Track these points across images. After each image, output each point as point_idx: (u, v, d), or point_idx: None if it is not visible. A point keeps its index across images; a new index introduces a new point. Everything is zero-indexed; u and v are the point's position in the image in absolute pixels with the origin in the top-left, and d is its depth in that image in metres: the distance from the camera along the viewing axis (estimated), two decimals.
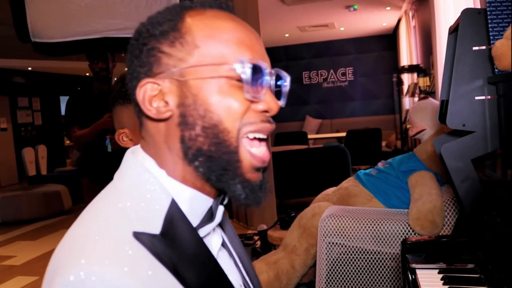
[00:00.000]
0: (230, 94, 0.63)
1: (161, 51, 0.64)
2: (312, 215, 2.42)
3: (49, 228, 5.82)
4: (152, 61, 0.64)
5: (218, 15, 0.67)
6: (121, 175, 0.66)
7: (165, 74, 0.64)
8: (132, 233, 0.57)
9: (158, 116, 0.64)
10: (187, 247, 0.61)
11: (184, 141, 0.63)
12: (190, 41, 0.64)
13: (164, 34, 0.64)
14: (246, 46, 0.65)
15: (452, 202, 2.10)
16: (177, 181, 0.65)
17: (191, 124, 0.63)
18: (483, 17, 1.34)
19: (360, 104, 10.40)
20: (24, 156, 9.65)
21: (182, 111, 0.63)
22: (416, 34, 6.75)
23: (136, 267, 0.54)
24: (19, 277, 4.04)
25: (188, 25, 0.65)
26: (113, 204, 0.61)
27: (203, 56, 0.63)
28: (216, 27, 0.65)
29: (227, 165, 0.63)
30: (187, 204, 0.64)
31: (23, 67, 10.15)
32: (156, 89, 0.64)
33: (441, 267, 1.31)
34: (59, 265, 0.55)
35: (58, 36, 2.89)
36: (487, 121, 1.37)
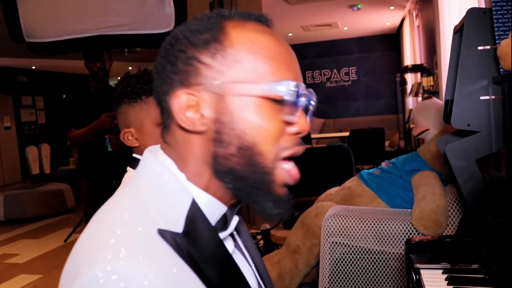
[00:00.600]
0: (268, 115, 0.62)
1: (201, 61, 0.62)
2: (315, 215, 2.42)
3: (52, 227, 5.84)
4: (190, 70, 0.62)
5: (259, 29, 0.65)
6: (141, 174, 0.66)
7: (203, 86, 0.61)
8: (157, 230, 0.57)
9: (192, 128, 0.62)
10: (208, 246, 0.61)
11: (217, 158, 0.62)
12: (232, 54, 0.62)
13: (205, 44, 0.62)
14: (286, 65, 0.64)
15: (456, 202, 2.09)
16: (196, 186, 0.64)
17: (226, 143, 0.61)
18: (488, 17, 1.34)
19: (363, 104, 10.39)
20: (27, 155, 9.69)
21: (218, 127, 0.61)
22: (420, 34, 6.73)
23: (161, 263, 0.54)
24: (22, 275, 4.06)
25: (231, 37, 0.62)
26: (136, 202, 0.61)
27: (244, 72, 0.61)
28: (258, 42, 0.63)
29: (259, 184, 0.63)
30: (204, 208, 0.64)
31: (27, 65, 10.18)
32: (193, 100, 0.62)
33: (445, 267, 1.31)
34: (84, 260, 0.54)
35: (52, 36, 2.87)
36: (492, 121, 1.37)
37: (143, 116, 1.19)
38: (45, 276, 3.98)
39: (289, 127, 0.64)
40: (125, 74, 1.28)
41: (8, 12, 2.86)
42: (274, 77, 0.62)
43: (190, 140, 0.64)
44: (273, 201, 0.64)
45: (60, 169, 9.10)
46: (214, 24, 0.64)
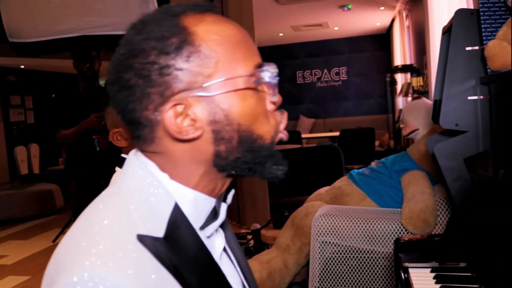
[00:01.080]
0: (255, 101, 0.64)
1: (177, 68, 0.60)
2: (305, 214, 2.42)
3: (41, 227, 5.78)
4: (168, 80, 0.60)
5: (217, 20, 0.65)
6: (125, 177, 0.65)
7: (187, 92, 0.61)
8: (136, 236, 0.56)
9: (187, 137, 0.61)
10: (189, 251, 0.61)
11: (220, 155, 0.64)
12: (207, 53, 0.61)
13: (177, 49, 0.60)
14: (251, 48, 0.66)
15: (444, 201, 2.11)
16: (180, 184, 0.64)
17: (226, 139, 0.63)
18: (476, 18, 1.35)
19: (353, 104, 10.43)
20: (16, 155, 9.59)
21: (214, 128, 0.62)
22: (410, 34, 6.78)
23: (140, 270, 0.53)
24: (10, 276, 4.01)
25: (198, 35, 0.62)
26: (117, 206, 0.60)
27: (224, 68, 0.62)
28: (223, 33, 0.63)
29: (264, 160, 0.66)
30: (191, 205, 0.64)
31: (16, 65, 10.08)
32: (181, 108, 0.61)
33: (433, 266, 1.32)
34: (62, 266, 0.54)
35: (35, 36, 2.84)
36: (480, 121, 1.38)
37: None
38: (33, 277, 3.94)
39: (269, 103, 0.68)
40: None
41: None
42: (249, 64, 0.64)
43: (182, 147, 0.63)
44: (275, 164, 0.67)
45: (49, 169, 9.03)
46: (175, 26, 0.62)
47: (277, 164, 0.67)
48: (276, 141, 0.68)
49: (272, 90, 0.66)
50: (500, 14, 1.29)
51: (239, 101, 0.62)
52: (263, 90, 0.66)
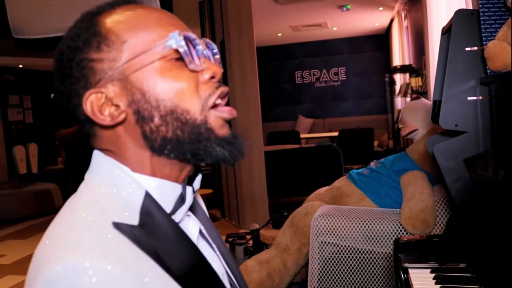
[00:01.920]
0: (173, 74, 0.63)
1: (91, 59, 0.63)
2: (304, 214, 2.42)
3: (39, 227, 5.78)
4: (86, 73, 0.63)
5: (128, 8, 0.67)
6: (92, 173, 0.67)
7: (104, 80, 0.63)
8: (112, 223, 0.57)
9: (114, 122, 0.63)
10: (167, 236, 0.61)
11: (147, 135, 0.63)
12: (115, 39, 0.63)
13: (87, 42, 0.63)
14: (168, 23, 0.66)
15: (444, 201, 2.11)
16: (142, 174, 0.65)
17: (148, 118, 0.63)
18: (476, 18, 1.35)
19: (352, 104, 10.43)
20: (15, 154, 9.59)
21: (134, 108, 0.63)
22: (409, 34, 6.78)
23: (121, 256, 0.54)
24: (9, 276, 4.01)
25: (106, 25, 0.64)
26: (89, 201, 0.61)
27: (133, 48, 0.63)
28: (130, 18, 0.65)
29: (199, 137, 0.64)
30: (156, 193, 0.64)
31: (14, 64, 10.07)
32: (102, 97, 0.63)
33: (433, 266, 1.32)
34: (41, 261, 0.54)
35: (39, 32, 2.88)
36: (479, 122, 1.38)
37: None
38: None
39: (200, 76, 0.65)
40: None
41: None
42: (160, 38, 0.64)
43: (117, 134, 0.64)
44: (219, 146, 0.65)
45: (47, 169, 9.02)
46: (89, 22, 0.65)
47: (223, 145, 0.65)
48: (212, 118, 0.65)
49: (192, 60, 0.64)
50: (500, 14, 1.29)
51: (155, 76, 0.62)
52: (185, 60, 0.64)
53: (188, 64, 0.64)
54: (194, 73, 0.65)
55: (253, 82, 4.71)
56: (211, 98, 0.65)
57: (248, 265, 2.51)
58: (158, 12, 0.68)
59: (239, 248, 3.45)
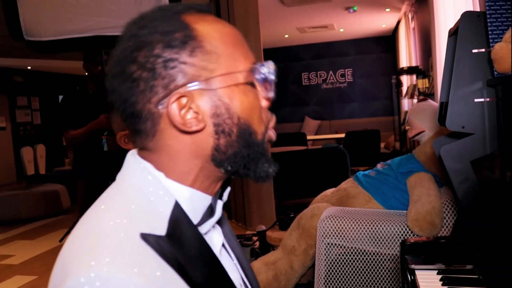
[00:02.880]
0: (253, 96, 0.67)
1: (182, 61, 0.62)
2: (311, 216, 2.42)
3: (47, 228, 5.82)
4: (172, 73, 0.62)
5: (216, 20, 0.68)
6: (124, 177, 0.66)
7: (191, 85, 0.62)
8: (140, 235, 0.57)
9: (190, 129, 0.63)
10: (191, 247, 0.62)
11: (219, 148, 0.65)
12: (209, 48, 0.64)
13: (182, 43, 0.62)
14: (247, 48, 0.69)
15: (450, 203, 2.11)
16: (177, 183, 0.65)
17: (227, 132, 0.65)
18: (483, 20, 1.35)
19: (359, 106, 10.41)
20: (22, 156, 9.66)
21: (216, 120, 0.64)
22: (415, 36, 6.76)
23: (145, 267, 0.55)
24: (17, 276, 4.04)
25: (201, 32, 0.64)
26: (118, 206, 0.61)
27: (226, 63, 0.64)
28: (223, 32, 0.66)
29: (256, 156, 0.68)
30: (188, 203, 0.65)
31: (23, 66, 10.15)
32: (185, 101, 0.63)
33: (440, 268, 1.32)
34: (68, 267, 0.55)
35: (51, 34, 2.91)
36: (486, 123, 1.38)
37: None
38: (40, 277, 3.96)
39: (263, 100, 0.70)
40: None
41: (8, 11, 2.90)
42: (247, 61, 0.67)
43: (184, 140, 0.64)
44: (267, 163, 0.69)
45: (55, 170, 9.07)
46: (178, 21, 0.64)
47: (269, 163, 0.69)
48: (266, 139, 0.70)
49: (268, 87, 0.69)
50: (507, 16, 1.29)
51: (240, 95, 0.65)
52: (259, 86, 0.68)
53: (266, 93, 0.69)
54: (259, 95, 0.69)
55: None
56: (270, 123, 0.71)
57: (254, 267, 2.52)
58: (236, 31, 0.70)
59: (246, 250, 3.46)
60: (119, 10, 2.93)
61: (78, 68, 3.34)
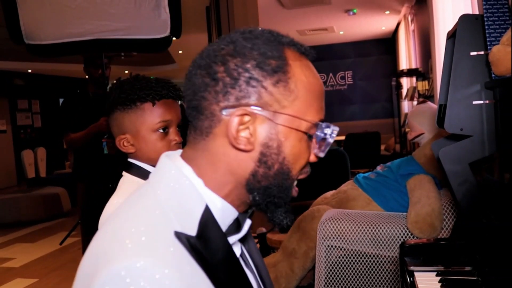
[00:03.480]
0: (305, 146, 0.69)
1: (264, 86, 0.65)
2: (311, 218, 2.43)
3: (48, 231, 5.82)
4: (250, 91, 0.65)
5: (310, 66, 0.71)
6: (158, 178, 0.68)
7: (260, 110, 0.65)
8: (174, 232, 0.60)
9: (239, 146, 0.65)
10: (218, 251, 0.64)
11: (256, 176, 0.67)
12: (292, 87, 0.66)
13: (272, 72, 0.65)
14: (323, 105, 0.72)
15: (450, 205, 2.11)
16: (214, 193, 0.67)
17: (268, 165, 0.67)
18: (481, 23, 1.36)
19: (359, 108, 10.42)
20: (23, 159, 9.66)
21: (264, 150, 0.66)
22: (415, 38, 6.77)
23: (178, 264, 0.58)
24: (18, 279, 4.04)
25: (293, 70, 0.67)
26: (154, 205, 0.64)
27: (298, 107, 0.67)
28: (311, 80, 0.69)
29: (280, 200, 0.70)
30: (218, 213, 0.67)
31: (23, 69, 10.17)
32: (248, 120, 0.65)
33: (439, 269, 1.33)
34: (104, 259, 0.57)
35: (51, 38, 2.91)
36: (485, 126, 1.39)
37: (139, 123, 1.19)
38: (41, 280, 3.97)
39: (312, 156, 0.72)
40: (117, 81, 1.28)
41: (8, 14, 2.90)
42: (317, 115, 0.69)
43: (229, 153, 0.67)
44: (285, 213, 0.71)
45: (56, 173, 9.08)
46: (279, 51, 0.67)
47: (287, 214, 0.71)
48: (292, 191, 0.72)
49: (323, 147, 0.70)
50: (504, 19, 1.29)
51: (295, 140, 0.67)
52: (316, 142, 0.70)
53: (319, 151, 0.71)
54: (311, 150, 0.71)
55: None
56: (303, 174, 0.72)
57: None
58: (321, 84, 0.73)
59: None
60: (119, 13, 2.94)
61: (78, 71, 3.35)
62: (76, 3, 2.90)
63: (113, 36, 2.93)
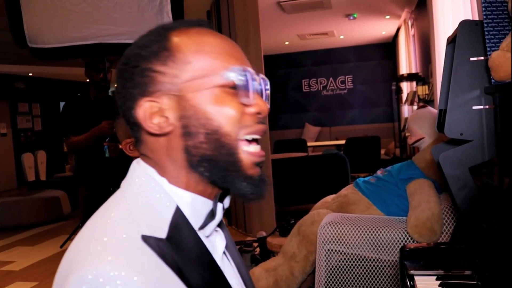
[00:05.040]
0: (225, 101, 0.67)
1: (154, 70, 0.68)
2: (311, 222, 2.43)
3: (48, 234, 5.82)
4: (147, 81, 0.68)
5: (202, 32, 0.71)
6: (128, 184, 0.70)
7: (162, 92, 0.67)
8: (141, 236, 0.60)
9: (160, 131, 0.67)
10: (191, 251, 0.64)
11: (189, 150, 0.67)
12: (181, 57, 0.68)
13: (155, 54, 0.68)
14: (232, 56, 0.70)
15: (450, 210, 2.12)
16: (178, 188, 0.68)
17: (194, 133, 0.67)
18: (480, 29, 1.37)
19: (359, 112, 10.43)
20: (23, 162, 9.66)
21: (184, 123, 0.67)
22: (415, 43, 6.79)
23: (145, 268, 0.57)
24: (18, 282, 4.04)
25: (177, 43, 0.69)
26: (122, 209, 0.65)
27: (196, 70, 0.67)
28: (202, 42, 0.70)
29: (229, 166, 0.68)
30: (189, 207, 0.68)
31: (24, 72, 10.19)
32: (155, 106, 0.67)
33: (439, 273, 1.33)
34: (73, 265, 0.58)
35: (54, 42, 2.93)
36: (484, 130, 1.39)
37: None
38: (41, 283, 3.96)
39: (248, 108, 0.69)
40: None
41: (12, 18, 2.92)
42: (224, 68, 0.68)
43: (160, 143, 0.69)
44: (245, 181, 0.69)
45: (56, 176, 9.08)
46: (161, 35, 0.70)
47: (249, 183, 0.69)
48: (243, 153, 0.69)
49: (245, 93, 0.68)
50: (504, 25, 1.30)
51: (210, 99, 0.67)
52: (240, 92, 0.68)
53: (241, 97, 0.68)
54: (236, 101, 0.69)
55: None
56: (247, 129, 0.69)
57: (255, 273, 2.52)
58: (224, 41, 0.72)
59: (246, 256, 3.46)
60: (122, 18, 2.95)
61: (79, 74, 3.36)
62: (79, 7, 2.91)
63: (116, 41, 2.94)
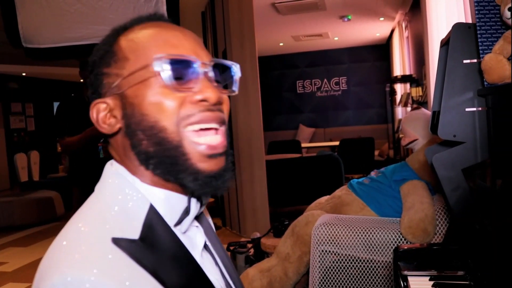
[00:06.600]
0: (160, 93, 0.65)
1: (102, 73, 0.70)
2: (305, 223, 2.44)
3: (41, 235, 5.79)
4: (97, 84, 0.71)
5: (145, 26, 0.72)
6: (102, 186, 0.70)
7: (108, 92, 0.69)
8: (111, 239, 0.60)
9: (111, 131, 0.69)
10: (166, 250, 0.64)
11: (134, 148, 0.67)
12: (121, 56, 0.69)
13: (102, 57, 0.71)
14: (170, 44, 0.68)
15: (443, 211, 2.13)
16: (149, 185, 0.68)
17: (133, 131, 0.67)
18: (473, 32, 1.38)
19: (353, 113, 10.46)
20: (16, 162, 9.61)
21: (126, 121, 0.68)
22: (409, 45, 6.83)
23: (116, 271, 0.57)
24: (11, 283, 4.02)
25: (119, 43, 0.70)
26: (94, 213, 0.64)
27: (133, 66, 0.67)
28: (140, 36, 0.70)
29: (174, 160, 0.65)
30: (163, 204, 0.67)
31: (17, 72, 10.13)
32: (105, 108, 0.69)
33: (432, 274, 1.34)
34: (44, 273, 0.58)
35: (49, 42, 2.93)
36: (477, 132, 1.41)
37: None
38: None
39: (192, 96, 0.66)
40: None
41: (7, 18, 2.91)
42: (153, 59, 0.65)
43: (117, 142, 0.70)
44: (192, 176, 0.65)
45: (49, 177, 9.04)
46: (111, 39, 0.72)
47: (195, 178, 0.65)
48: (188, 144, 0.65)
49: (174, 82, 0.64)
50: (496, 28, 1.32)
51: (144, 93, 0.65)
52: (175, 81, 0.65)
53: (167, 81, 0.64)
54: (183, 93, 0.65)
55: (255, 91, 4.74)
56: (188, 119, 0.65)
57: (249, 274, 2.52)
58: (170, 32, 0.70)
59: (240, 257, 3.46)
60: (117, 18, 2.95)
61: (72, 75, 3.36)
62: (74, 8, 2.91)
63: None
